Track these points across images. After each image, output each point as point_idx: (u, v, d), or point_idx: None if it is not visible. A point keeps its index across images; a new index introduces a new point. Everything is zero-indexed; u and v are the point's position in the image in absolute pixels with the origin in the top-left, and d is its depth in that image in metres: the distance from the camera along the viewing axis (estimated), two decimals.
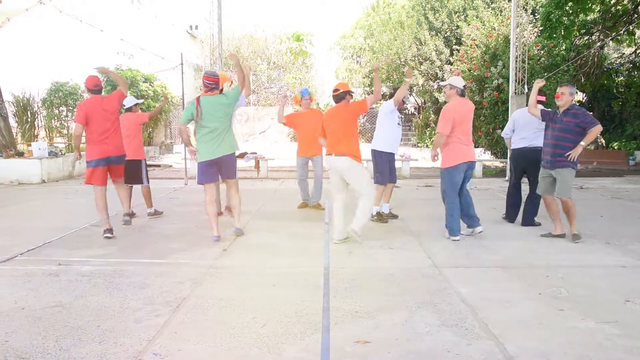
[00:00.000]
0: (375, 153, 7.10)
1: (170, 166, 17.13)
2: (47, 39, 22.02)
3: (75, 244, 5.79)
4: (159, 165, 17.04)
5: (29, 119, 17.38)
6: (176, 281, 4.39)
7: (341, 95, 5.99)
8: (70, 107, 17.13)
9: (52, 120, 17.50)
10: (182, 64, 10.69)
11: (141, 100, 8.31)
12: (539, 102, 6.43)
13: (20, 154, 12.60)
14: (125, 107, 7.30)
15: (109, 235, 6.04)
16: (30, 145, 13.39)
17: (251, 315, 3.60)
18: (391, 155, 7.07)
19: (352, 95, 6.07)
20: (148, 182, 7.44)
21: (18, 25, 22.51)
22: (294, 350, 3.07)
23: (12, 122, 16.11)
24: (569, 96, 5.85)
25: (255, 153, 13.09)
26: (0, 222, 7.12)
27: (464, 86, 6.06)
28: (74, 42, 21.97)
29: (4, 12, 16.66)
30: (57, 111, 17.30)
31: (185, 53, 22.06)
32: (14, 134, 15.53)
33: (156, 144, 21.20)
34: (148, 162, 16.52)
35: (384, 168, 7.01)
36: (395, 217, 7.32)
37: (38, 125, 17.96)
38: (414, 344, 3.15)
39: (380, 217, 7.08)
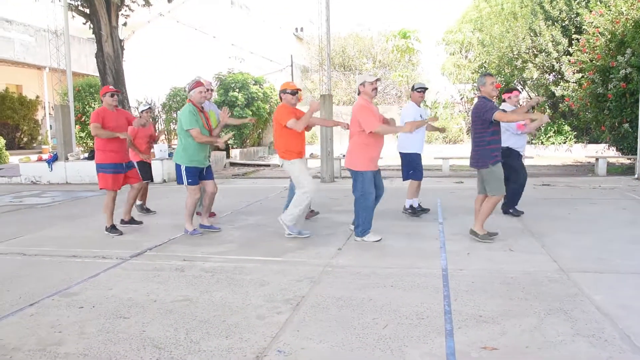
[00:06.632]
0: (401, 155, 7.34)
1: (279, 166, 17.58)
2: (166, 47, 23.66)
3: (197, 241, 6.09)
4: (268, 165, 17.56)
5: (151, 123, 18.72)
6: (294, 279, 4.46)
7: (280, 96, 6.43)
8: None
9: (170, 123, 18.66)
10: (291, 65, 10.92)
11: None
12: None
13: None
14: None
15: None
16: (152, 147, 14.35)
17: (371, 315, 3.56)
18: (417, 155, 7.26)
19: (291, 94, 6.23)
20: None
21: (141, 36, 24.42)
22: (418, 353, 2.99)
23: None
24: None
25: None
26: None
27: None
28: (190, 49, 23.43)
29: (130, 26, 18.10)
30: (175, 115, 18.42)
31: (293, 55, 22.69)
32: None
33: (265, 144, 21.87)
34: (258, 162, 17.19)
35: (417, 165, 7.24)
36: (426, 210, 7.38)
37: (158, 129, 19.28)
38: (548, 353, 2.95)
39: (413, 211, 7.34)
